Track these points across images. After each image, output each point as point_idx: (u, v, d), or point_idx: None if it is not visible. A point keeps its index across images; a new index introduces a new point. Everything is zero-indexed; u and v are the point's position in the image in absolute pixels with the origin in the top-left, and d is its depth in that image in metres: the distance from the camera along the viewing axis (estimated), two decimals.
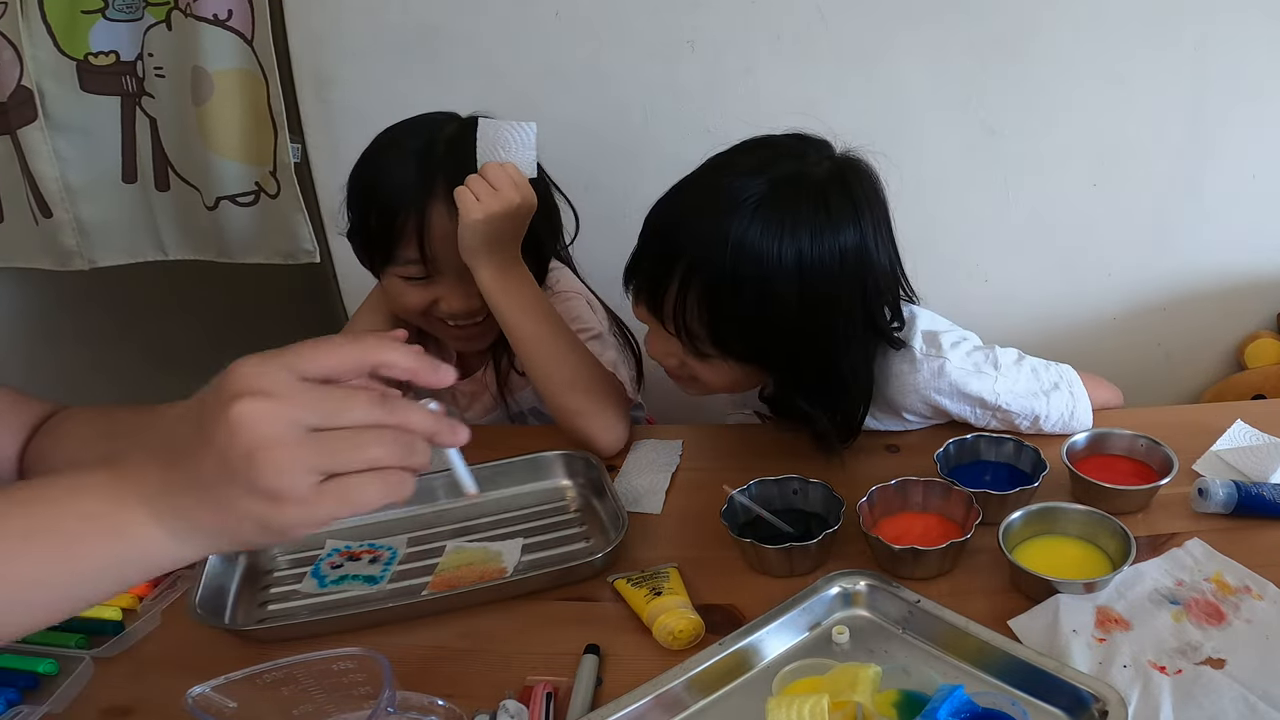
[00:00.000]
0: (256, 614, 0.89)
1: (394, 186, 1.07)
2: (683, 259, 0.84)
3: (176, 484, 0.50)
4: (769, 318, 0.85)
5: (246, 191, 1.59)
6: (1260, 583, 0.79)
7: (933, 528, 0.88)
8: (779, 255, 0.83)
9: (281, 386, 0.49)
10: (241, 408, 0.47)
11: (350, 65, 1.53)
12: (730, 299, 0.84)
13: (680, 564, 0.87)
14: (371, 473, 0.50)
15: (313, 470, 0.49)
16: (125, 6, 1.52)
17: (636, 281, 0.92)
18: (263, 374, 0.49)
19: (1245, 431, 1.01)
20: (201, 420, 0.49)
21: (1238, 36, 1.39)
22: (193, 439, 0.50)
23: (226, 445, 0.48)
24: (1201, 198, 1.50)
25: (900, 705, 0.69)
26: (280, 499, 0.49)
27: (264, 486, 0.48)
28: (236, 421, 0.47)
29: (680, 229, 0.85)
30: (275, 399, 0.48)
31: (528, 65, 1.49)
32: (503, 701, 0.73)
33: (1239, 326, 1.62)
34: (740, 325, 0.86)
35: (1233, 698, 0.67)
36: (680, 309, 0.85)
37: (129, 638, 0.84)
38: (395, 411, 0.51)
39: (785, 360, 0.90)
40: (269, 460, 0.48)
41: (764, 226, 0.83)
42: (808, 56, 1.47)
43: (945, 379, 1.00)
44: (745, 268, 0.83)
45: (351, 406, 0.50)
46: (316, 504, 0.49)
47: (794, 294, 0.84)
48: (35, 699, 0.77)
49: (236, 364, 0.49)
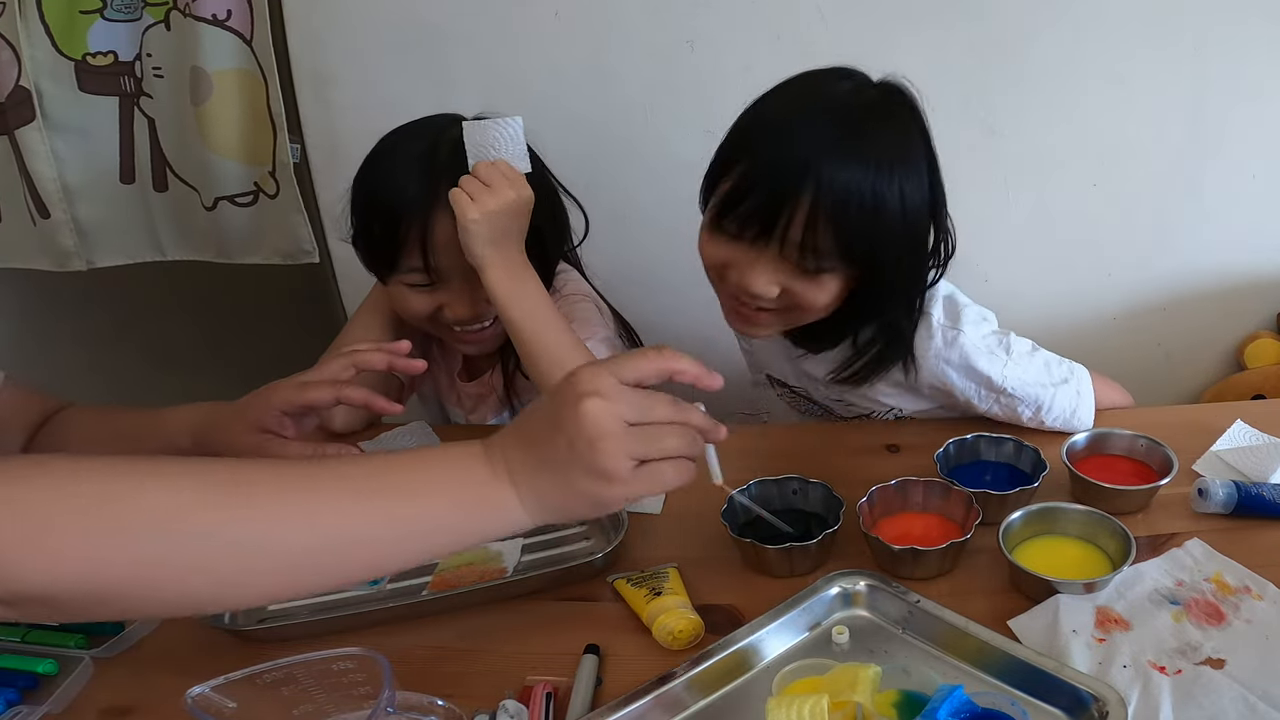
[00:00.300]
0: (256, 614, 0.89)
1: (396, 194, 1.05)
2: (808, 186, 0.87)
3: (533, 463, 0.63)
4: (882, 226, 0.90)
5: (245, 192, 1.59)
6: (1260, 583, 0.79)
7: (933, 528, 0.88)
8: (889, 166, 0.89)
9: (611, 389, 0.62)
10: (586, 404, 0.60)
11: (350, 65, 1.53)
12: (857, 211, 0.88)
13: (680, 564, 0.87)
14: (670, 460, 0.63)
15: (632, 456, 0.61)
16: (124, 6, 1.52)
17: (744, 212, 0.91)
18: (598, 378, 0.62)
19: (1245, 431, 1.02)
20: (555, 413, 0.62)
21: (1238, 36, 1.39)
22: (547, 427, 0.62)
23: (575, 433, 0.61)
24: (1201, 198, 1.50)
25: (900, 705, 0.69)
26: (609, 478, 0.61)
27: (599, 467, 0.61)
28: (583, 415, 0.60)
29: (804, 160, 0.87)
30: (608, 399, 0.61)
31: (528, 65, 1.49)
32: (503, 701, 0.73)
33: (1239, 326, 1.62)
34: (860, 236, 0.90)
35: (1233, 698, 0.67)
36: (810, 229, 0.88)
37: (129, 638, 0.84)
38: (684, 411, 0.65)
39: (889, 264, 0.93)
40: (605, 447, 0.60)
41: (871, 143, 0.89)
42: (808, 56, 1.46)
43: (957, 350, 1.01)
44: (866, 182, 0.88)
45: (656, 406, 0.63)
46: (632, 483, 0.62)
47: (899, 200, 0.90)
48: (35, 699, 0.77)
49: (578, 369, 0.63)
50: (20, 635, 0.83)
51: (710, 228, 0.97)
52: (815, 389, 1.16)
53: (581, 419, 0.60)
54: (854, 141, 0.88)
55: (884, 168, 0.88)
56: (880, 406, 1.13)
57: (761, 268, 0.94)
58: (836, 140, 0.88)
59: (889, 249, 0.92)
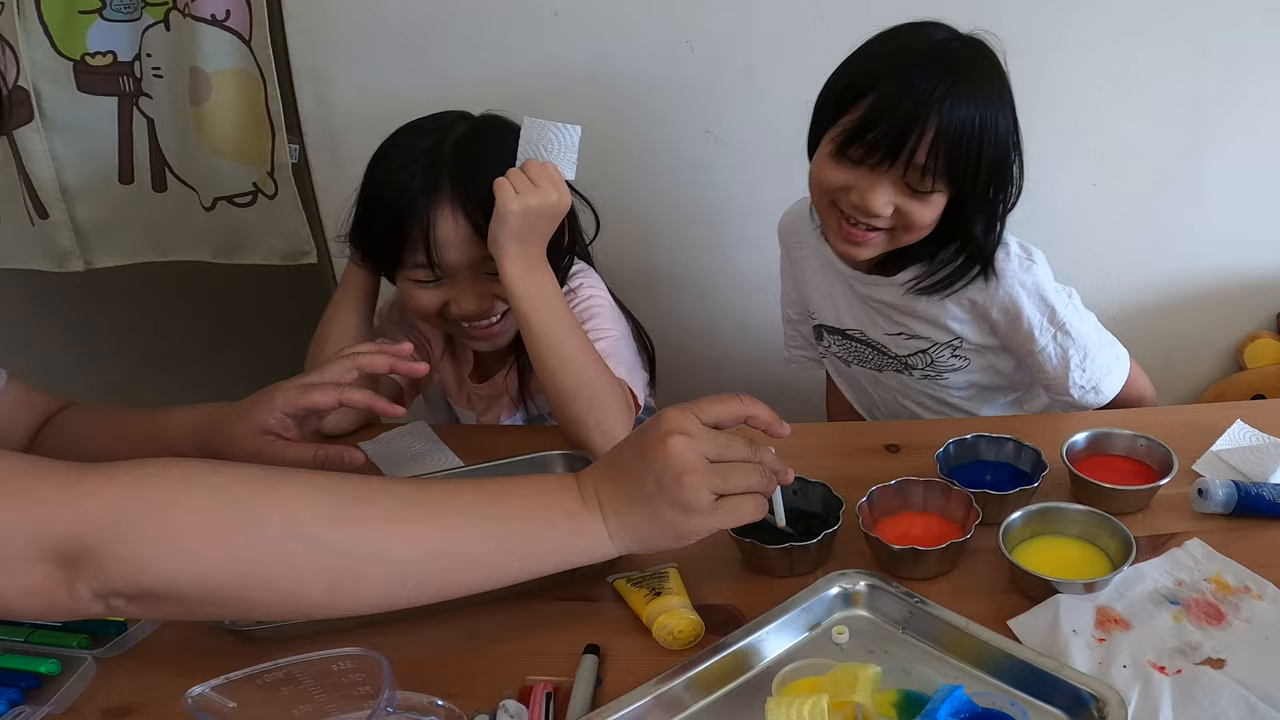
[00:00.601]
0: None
1: (399, 190, 1.06)
2: (934, 116, 0.99)
3: (622, 496, 0.68)
4: (986, 151, 1.02)
5: (244, 192, 1.59)
6: (1260, 583, 0.79)
7: (933, 528, 0.88)
8: (992, 99, 1.02)
9: (695, 428, 0.67)
10: (673, 441, 0.66)
11: (349, 65, 1.53)
12: (969, 138, 1.00)
13: (680, 564, 0.87)
14: (746, 495, 0.68)
15: (713, 490, 0.67)
16: (123, 6, 1.52)
17: (871, 140, 1.01)
18: (684, 419, 0.67)
19: (1245, 431, 1.02)
20: (642, 450, 0.67)
21: (1238, 37, 1.40)
22: (636, 462, 0.68)
23: (662, 469, 0.66)
24: (1201, 198, 1.51)
25: (900, 705, 0.69)
26: (691, 511, 0.66)
27: (684, 500, 0.66)
28: (670, 451, 0.66)
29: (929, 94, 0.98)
30: (693, 437, 0.67)
31: (528, 65, 1.49)
32: (503, 701, 0.73)
33: (1239, 326, 1.62)
34: (969, 160, 1.01)
35: (1233, 698, 0.67)
36: (934, 152, 1.00)
37: (131, 638, 0.84)
38: (758, 452, 0.70)
39: (984, 185, 1.04)
40: (689, 481, 0.66)
41: (981, 79, 1.02)
42: (808, 56, 1.47)
43: (1031, 276, 1.11)
44: (977, 111, 1.00)
45: (734, 446, 0.69)
46: (711, 516, 0.67)
47: (997, 128, 1.02)
48: (38, 699, 0.77)
49: (665, 411, 0.69)
50: (24, 635, 0.83)
51: (833, 155, 1.05)
52: (875, 326, 1.22)
53: (669, 455, 0.66)
54: (968, 77, 1.00)
55: (990, 100, 1.01)
56: (942, 336, 1.18)
57: (881, 189, 1.03)
58: (954, 76, 0.99)
59: (987, 171, 1.03)
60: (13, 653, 0.81)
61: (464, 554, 0.67)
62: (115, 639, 0.82)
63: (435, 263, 1.06)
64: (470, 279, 1.09)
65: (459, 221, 1.04)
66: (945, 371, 1.22)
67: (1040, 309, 1.12)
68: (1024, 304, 1.12)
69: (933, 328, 1.18)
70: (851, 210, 1.06)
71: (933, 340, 1.19)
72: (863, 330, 1.24)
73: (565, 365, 1.04)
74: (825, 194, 1.09)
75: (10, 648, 0.82)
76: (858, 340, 1.26)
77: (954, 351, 1.20)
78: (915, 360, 1.22)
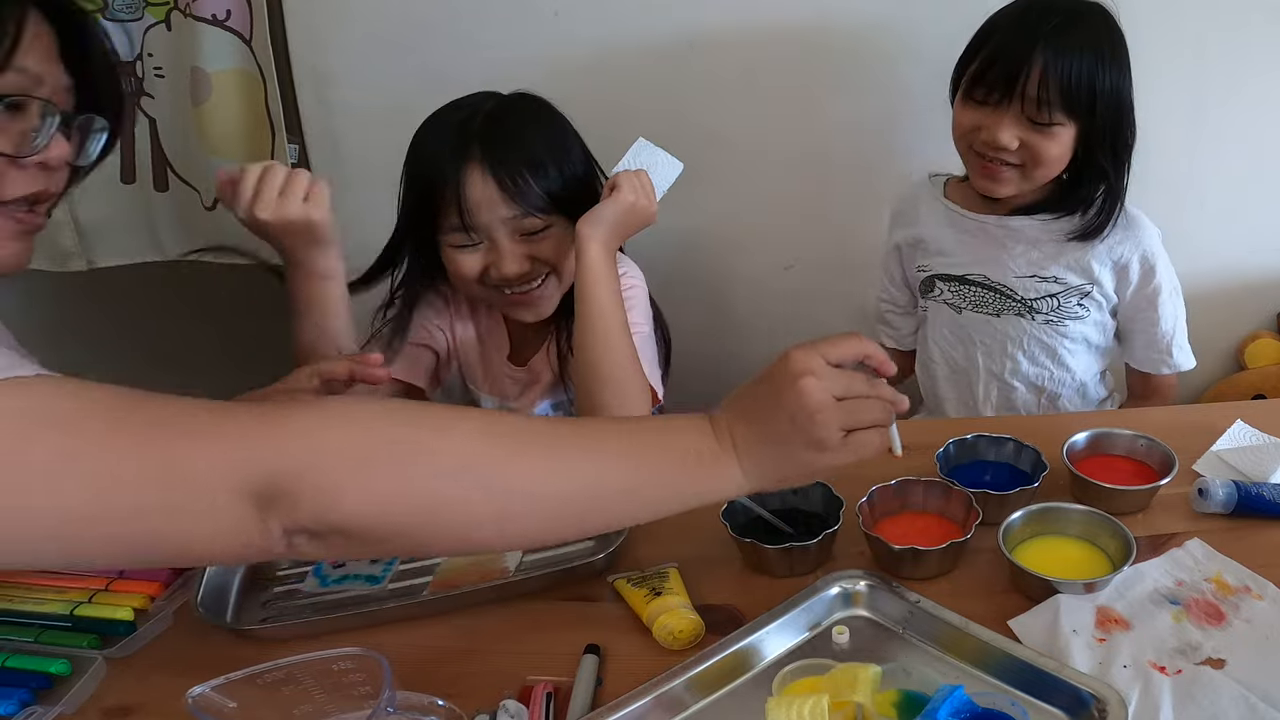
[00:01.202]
0: (259, 613, 0.89)
1: (432, 157, 1.11)
2: (1040, 52, 1.11)
3: (756, 437, 0.70)
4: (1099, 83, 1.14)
5: None
6: (1260, 583, 0.79)
7: (933, 528, 0.88)
8: (1100, 41, 1.14)
9: (821, 369, 0.69)
10: (805, 383, 0.68)
11: (350, 65, 1.53)
12: (1077, 71, 1.12)
13: (680, 564, 0.87)
14: (871, 429, 0.71)
15: (842, 426, 0.69)
16: (125, 6, 1.51)
17: (990, 80, 1.15)
18: (810, 359, 0.69)
19: (1245, 431, 1.02)
20: (775, 392, 0.70)
21: (1239, 37, 1.39)
22: (769, 404, 0.70)
23: (796, 409, 0.68)
24: (1202, 198, 1.50)
25: (900, 705, 0.69)
26: (823, 447, 0.69)
27: (816, 438, 0.69)
28: (803, 391, 0.68)
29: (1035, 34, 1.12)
30: (821, 377, 0.69)
31: (528, 65, 1.49)
32: (503, 701, 0.73)
33: (1239, 326, 1.62)
34: (1081, 90, 1.13)
35: (1233, 698, 0.67)
36: (1043, 86, 1.12)
37: (141, 638, 0.84)
38: (876, 386, 0.72)
39: (1103, 116, 1.16)
40: (822, 419, 0.68)
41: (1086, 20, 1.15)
42: (807, 56, 1.47)
43: (1160, 241, 1.26)
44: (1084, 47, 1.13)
45: (856, 382, 0.71)
46: (840, 451, 0.70)
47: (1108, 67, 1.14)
48: (48, 699, 0.77)
49: (791, 351, 0.71)
50: (33, 636, 0.83)
51: (962, 99, 1.20)
52: (1004, 270, 1.30)
53: (801, 395, 0.68)
54: (1070, 20, 1.13)
55: (1096, 40, 1.13)
56: (1078, 279, 1.26)
57: (1006, 124, 1.15)
58: (1058, 19, 1.12)
59: (1103, 102, 1.14)
60: (22, 653, 0.81)
61: (615, 491, 0.69)
62: (125, 639, 0.83)
63: (469, 225, 1.09)
64: (508, 240, 1.11)
65: (487, 182, 1.07)
66: (1067, 318, 1.29)
67: (1168, 271, 1.26)
68: (1159, 261, 1.25)
69: (1072, 271, 1.26)
70: (983, 148, 1.18)
71: (1066, 284, 1.27)
72: (986, 274, 1.31)
73: (610, 354, 1.08)
74: (963, 137, 1.22)
75: (19, 648, 0.82)
76: (978, 284, 1.32)
77: (1081, 299, 1.27)
78: (1041, 304, 1.29)
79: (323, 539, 0.63)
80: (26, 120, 0.74)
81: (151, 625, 0.85)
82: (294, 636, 0.84)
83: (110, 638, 0.83)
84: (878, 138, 1.52)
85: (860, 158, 1.54)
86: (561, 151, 1.14)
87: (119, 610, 0.84)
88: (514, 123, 1.12)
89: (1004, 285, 1.30)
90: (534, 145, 1.12)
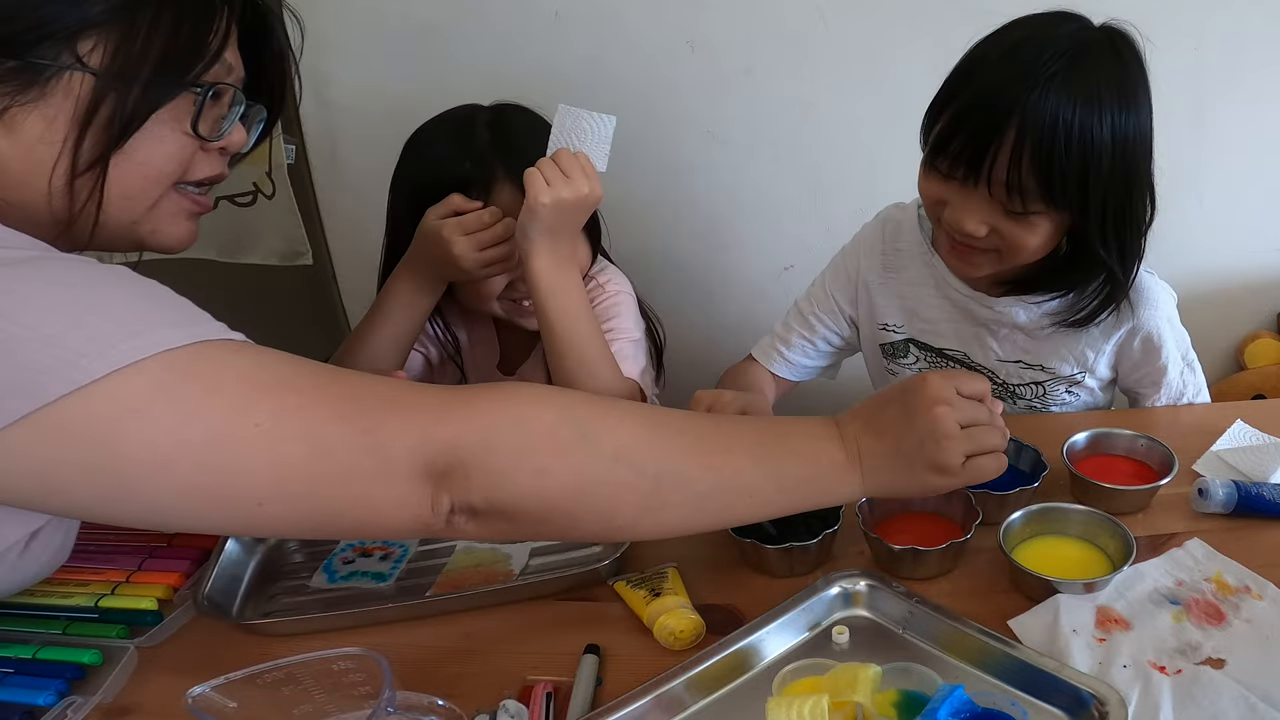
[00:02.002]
0: (265, 606, 0.90)
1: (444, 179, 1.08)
2: (1013, 125, 0.89)
3: (882, 451, 0.74)
4: (1092, 167, 0.90)
5: (244, 192, 1.59)
6: (1260, 583, 0.79)
7: (933, 528, 0.88)
8: (1099, 105, 0.89)
9: (954, 399, 0.74)
10: (940, 410, 0.73)
11: (350, 65, 1.53)
12: (1063, 151, 0.89)
13: (680, 564, 0.87)
14: (990, 454, 0.75)
15: (964, 453, 0.74)
16: None
17: (953, 151, 0.93)
18: (946, 388, 0.74)
19: (1245, 431, 1.02)
20: (910, 413, 0.74)
21: (1238, 37, 1.39)
22: (901, 423, 0.74)
23: (926, 433, 0.73)
24: (1201, 198, 1.51)
25: (900, 705, 0.69)
26: (946, 471, 0.74)
27: (941, 463, 0.73)
28: (937, 418, 0.73)
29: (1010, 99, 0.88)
30: (954, 406, 0.74)
31: (528, 65, 1.49)
32: (503, 701, 0.73)
33: (1239, 326, 1.62)
34: (1068, 177, 0.90)
35: (1233, 698, 0.67)
36: (1014, 168, 0.90)
37: (168, 626, 0.85)
38: (995, 416, 0.77)
39: (1099, 207, 0.93)
40: (949, 446, 0.73)
41: (1081, 80, 0.89)
42: (808, 56, 1.47)
43: (1170, 306, 1.09)
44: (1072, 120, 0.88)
45: (980, 413, 0.75)
46: (959, 475, 0.74)
47: (1109, 139, 0.90)
48: (82, 690, 0.78)
49: (929, 377, 0.75)
50: (61, 628, 0.84)
51: (926, 167, 0.99)
52: (985, 351, 1.14)
53: (935, 421, 0.73)
54: (1059, 80, 0.87)
55: (1093, 106, 0.88)
56: (1069, 368, 1.11)
57: (972, 207, 0.95)
58: (1039, 79, 0.87)
59: (1098, 190, 0.91)
60: (53, 645, 0.82)
61: (746, 488, 0.72)
62: (153, 628, 0.83)
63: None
64: None
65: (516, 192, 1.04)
66: (1052, 405, 1.15)
67: (1177, 343, 1.10)
68: (1165, 338, 1.08)
69: (1064, 361, 1.11)
70: (949, 229, 0.99)
71: (1055, 373, 1.12)
72: (967, 353, 1.16)
73: (583, 367, 1.05)
74: (929, 209, 1.03)
75: (49, 640, 0.83)
76: (958, 362, 1.17)
77: (1070, 388, 1.13)
78: (1025, 390, 1.15)
79: (484, 518, 0.66)
80: (220, 107, 0.77)
81: (177, 615, 0.86)
82: (295, 633, 0.84)
83: (138, 628, 0.84)
84: (878, 138, 1.52)
85: (860, 158, 1.54)
86: None
87: (143, 601, 0.85)
88: (523, 131, 1.10)
89: (985, 368, 1.16)
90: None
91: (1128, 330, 1.07)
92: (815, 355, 1.24)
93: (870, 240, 1.19)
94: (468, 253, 1.05)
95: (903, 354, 1.20)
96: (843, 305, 1.22)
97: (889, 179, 1.49)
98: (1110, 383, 1.16)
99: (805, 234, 1.60)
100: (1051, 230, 0.95)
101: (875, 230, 1.20)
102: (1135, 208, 0.96)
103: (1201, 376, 1.14)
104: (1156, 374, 1.11)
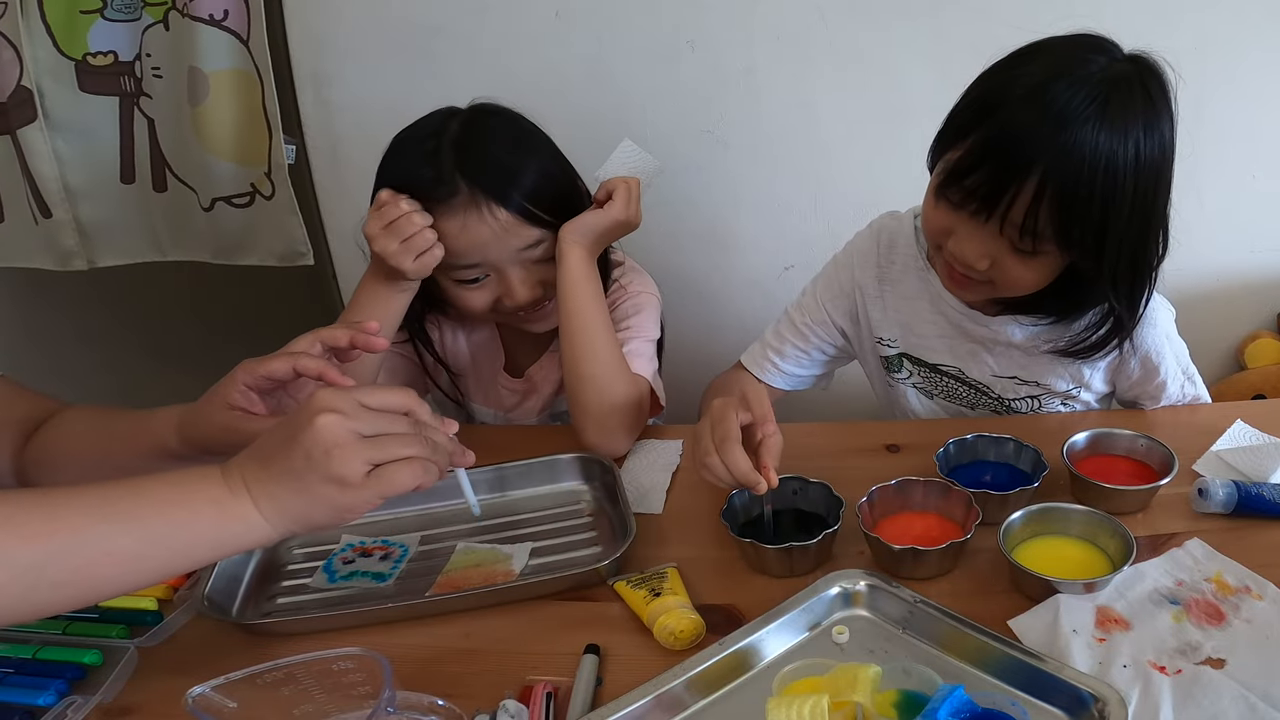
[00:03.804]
0: (265, 606, 0.90)
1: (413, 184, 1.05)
2: (1038, 170, 0.85)
3: (271, 475, 0.68)
4: (1112, 215, 0.88)
5: (242, 193, 1.59)
6: (1260, 583, 0.79)
7: (933, 528, 0.88)
8: (1123, 153, 0.86)
9: (349, 407, 0.69)
10: (321, 419, 0.67)
11: (349, 65, 1.53)
12: (1085, 202, 0.86)
13: (680, 564, 0.87)
14: (403, 461, 0.69)
15: (365, 461, 0.68)
16: (123, 6, 1.52)
17: (969, 185, 0.90)
18: (337, 398, 0.69)
19: (1245, 431, 1.02)
20: (292, 429, 0.68)
21: (1238, 36, 1.39)
22: (285, 441, 0.68)
23: (311, 444, 0.67)
24: (1201, 198, 1.50)
25: (900, 705, 0.69)
26: (345, 483, 0.67)
27: (334, 473, 0.67)
28: (318, 428, 0.67)
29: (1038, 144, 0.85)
30: (344, 415, 0.68)
31: (528, 65, 1.50)
32: (503, 701, 0.73)
33: (1239, 326, 1.62)
34: (1087, 224, 0.88)
35: (1233, 698, 0.67)
36: (1032, 212, 0.87)
37: (169, 627, 0.85)
38: (424, 429, 0.72)
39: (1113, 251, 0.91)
40: (340, 455, 0.67)
41: (1111, 127, 0.85)
42: (808, 56, 1.47)
43: (1168, 323, 1.08)
44: (1097, 172, 0.85)
45: (388, 423, 0.70)
46: (367, 486, 0.68)
47: (1130, 193, 0.87)
48: (83, 689, 0.78)
49: (317, 392, 0.70)
50: (61, 628, 0.84)
51: (934, 194, 0.96)
52: (981, 367, 1.13)
53: (317, 431, 0.67)
54: (1090, 128, 0.84)
55: (1119, 154, 0.85)
56: (1064, 385, 1.11)
57: (979, 241, 0.93)
58: (1069, 123, 0.84)
59: (1115, 236, 0.89)
60: (52, 645, 0.82)
61: (99, 550, 0.66)
62: (153, 628, 0.83)
63: (476, 263, 1.08)
64: (519, 270, 1.10)
65: (490, 220, 1.04)
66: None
67: (1176, 360, 1.09)
68: (1165, 356, 1.07)
69: (1060, 378, 1.10)
70: (950, 256, 0.97)
71: (1050, 389, 1.12)
72: (961, 368, 1.14)
73: (593, 353, 1.08)
74: (930, 235, 1.01)
75: (49, 640, 0.83)
76: (952, 377, 1.16)
77: (1065, 400, 1.13)
78: (1020, 404, 1.14)
79: None
80: None
81: (178, 614, 0.86)
82: (295, 633, 0.84)
83: (138, 628, 0.84)
84: (878, 137, 1.52)
85: (860, 159, 1.54)
86: (544, 166, 1.10)
87: (143, 601, 0.86)
88: (494, 147, 1.08)
89: (980, 383, 1.14)
90: (521, 169, 1.07)
91: (1125, 352, 1.06)
92: (810, 364, 1.23)
93: (864, 251, 1.17)
94: (388, 247, 1.02)
95: (897, 368, 1.19)
96: (835, 317, 1.20)
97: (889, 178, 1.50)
98: (1107, 395, 1.15)
99: (806, 234, 1.60)
100: (1053, 268, 0.95)
101: (869, 241, 1.17)
102: (1149, 248, 0.95)
103: (1202, 386, 1.13)
104: (1156, 390, 1.10)
